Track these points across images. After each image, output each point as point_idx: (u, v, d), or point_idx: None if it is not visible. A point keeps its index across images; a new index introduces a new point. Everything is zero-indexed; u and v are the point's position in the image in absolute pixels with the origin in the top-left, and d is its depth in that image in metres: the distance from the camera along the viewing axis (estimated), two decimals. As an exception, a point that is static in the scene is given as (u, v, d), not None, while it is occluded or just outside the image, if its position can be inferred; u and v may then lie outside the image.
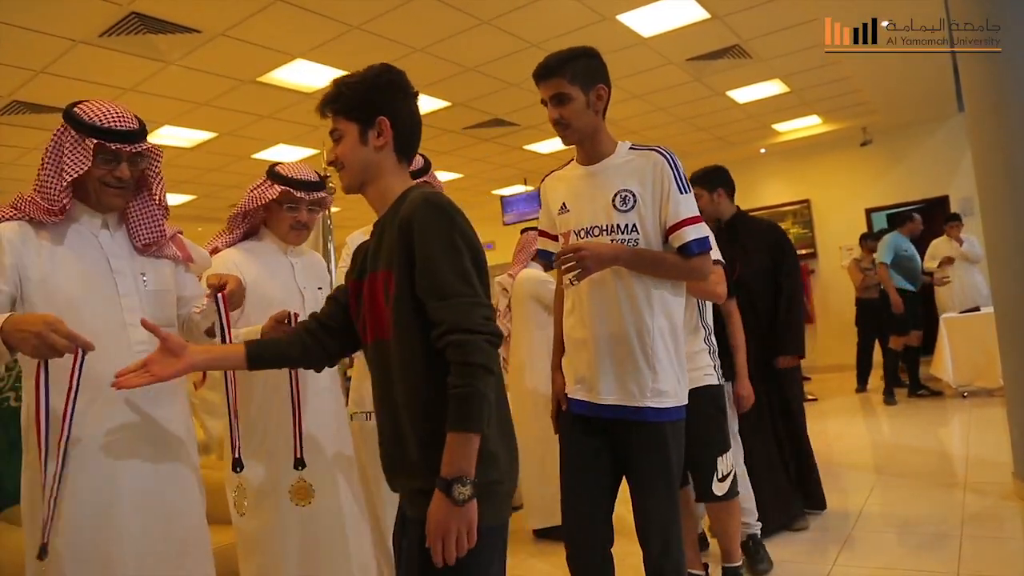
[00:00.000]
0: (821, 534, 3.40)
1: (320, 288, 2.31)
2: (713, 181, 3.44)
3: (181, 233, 1.99)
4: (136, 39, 4.58)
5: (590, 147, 2.04)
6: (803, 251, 9.15)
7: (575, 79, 1.92)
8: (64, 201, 1.66)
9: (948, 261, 7.19)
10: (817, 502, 3.65)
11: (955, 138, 8.51)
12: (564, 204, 2.08)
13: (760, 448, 3.40)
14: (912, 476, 4.29)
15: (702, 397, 2.55)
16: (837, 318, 8.01)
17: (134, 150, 1.70)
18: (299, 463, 2.03)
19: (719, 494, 2.63)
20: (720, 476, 2.61)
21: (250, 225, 2.29)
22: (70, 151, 1.66)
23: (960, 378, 6.42)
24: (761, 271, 3.48)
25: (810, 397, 7.18)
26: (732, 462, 2.68)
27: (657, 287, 1.98)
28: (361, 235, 2.80)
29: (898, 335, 6.89)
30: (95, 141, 1.65)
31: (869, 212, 9.42)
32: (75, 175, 1.64)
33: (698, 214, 1.98)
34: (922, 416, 6.12)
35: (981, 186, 3.88)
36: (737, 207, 3.56)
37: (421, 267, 1.38)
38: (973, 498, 3.70)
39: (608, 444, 2.02)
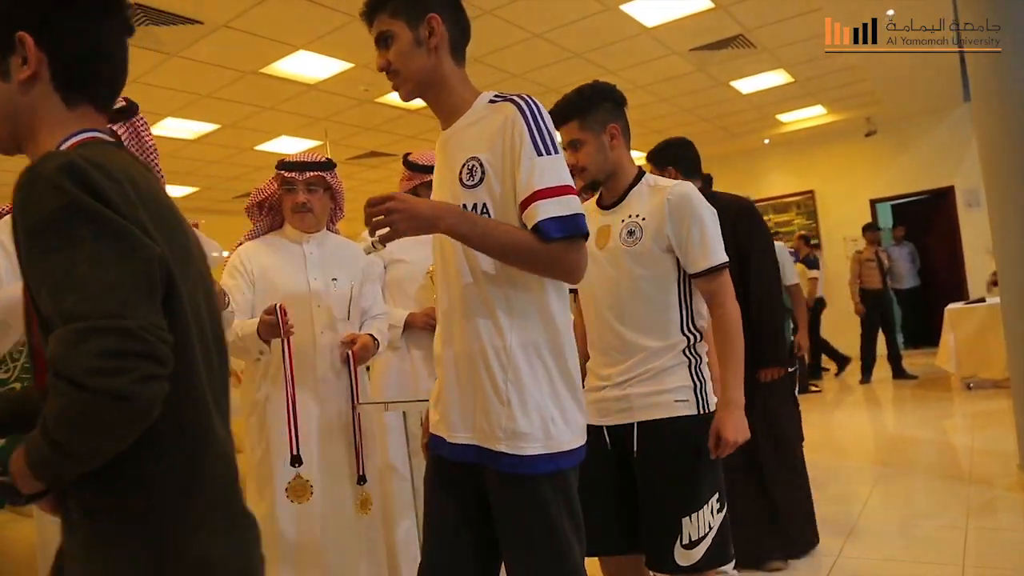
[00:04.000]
0: (826, 527, 3.40)
1: (335, 279, 2.30)
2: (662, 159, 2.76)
3: (197, 226, 1.98)
4: (138, 30, 4.55)
5: (436, 103, 1.54)
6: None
7: (398, 13, 1.46)
8: None
9: None
10: (804, 545, 3.03)
11: (961, 128, 8.47)
12: (430, 182, 1.65)
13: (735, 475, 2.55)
14: (917, 468, 4.29)
15: (666, 433, 1.82)
16: (841, 310, 8.01)
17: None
18: (295, 460, 2.04)
19: (683, 564, 1.82)
20: (686, 542, 1.82)
21: (274, 218, 2.38)
22: None
23: (964, 369, 6.40)
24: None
25: (814, 389, 7.18)
26: (709, 522, 1.84)
27: (519, 287, 1.42)
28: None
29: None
30: None
31: (874, 203, 9.41)
32: None
33: (564, 183, 1.39)
34: (927, 408, 6.12)
35: (987, 176, 3.86)
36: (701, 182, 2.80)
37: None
38: (978, 489, 3.69)
39: (474, 494, 1.48)
